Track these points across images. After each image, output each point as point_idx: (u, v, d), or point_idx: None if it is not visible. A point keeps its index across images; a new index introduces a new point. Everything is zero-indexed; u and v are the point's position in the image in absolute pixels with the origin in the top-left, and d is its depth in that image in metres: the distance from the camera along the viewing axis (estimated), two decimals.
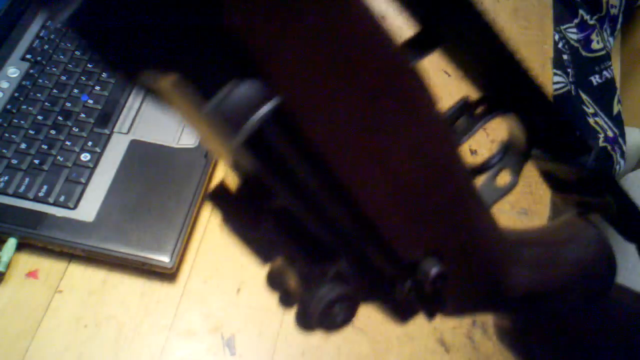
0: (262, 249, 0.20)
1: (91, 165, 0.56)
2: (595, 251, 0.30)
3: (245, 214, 0.19)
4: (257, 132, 0.15)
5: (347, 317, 0.22)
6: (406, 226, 0.22)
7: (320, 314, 0.21)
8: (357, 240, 0.22)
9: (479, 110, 0.24)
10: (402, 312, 0.26)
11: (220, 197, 0.19)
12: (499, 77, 0.23)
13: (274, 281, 0.23)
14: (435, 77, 0.70)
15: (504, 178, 0.26)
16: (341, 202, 0.20)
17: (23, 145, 0.57)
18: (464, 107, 0.23)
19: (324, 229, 0.20)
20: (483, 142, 0.63)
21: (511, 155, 0.26)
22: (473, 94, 0.23)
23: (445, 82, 0.65)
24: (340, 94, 0.17)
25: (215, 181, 0.59)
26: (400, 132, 0.19)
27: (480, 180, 0.26)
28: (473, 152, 0.62)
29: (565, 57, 1.03)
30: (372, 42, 0.17)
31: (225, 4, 0.13)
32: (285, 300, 0.23)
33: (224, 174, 0.18)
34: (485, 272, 0.27)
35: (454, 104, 0.23)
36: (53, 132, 0.58)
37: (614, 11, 1.05)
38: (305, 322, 0.22)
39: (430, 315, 0.27)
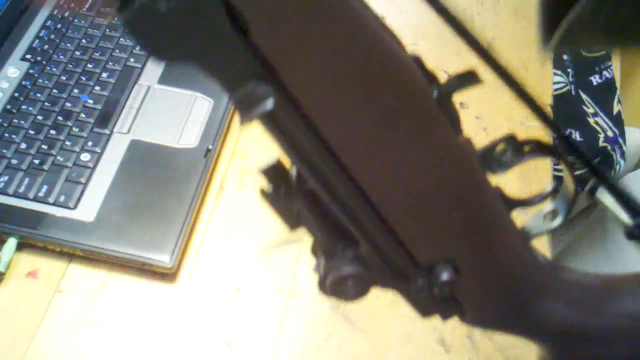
0: (289, 218, 0.23)
1: (91, 165, 0.56)
2: None
3: (284, 187, 0.23)
4: (264, 117, 0.19)
5: (358, 294, 0.25)
6: (422, 232, 0.24)
7: (332, 284, 0.24)
8: (376, 234, 0.23)
9: (527, 148, 0.25)
10: (419, 306, 0.27)
11: (269, 171, 0.22)
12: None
13: (315, 251, 0.26)
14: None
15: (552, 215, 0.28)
16: (356, 196, 0.22)
17: (23, 145, 0.57)
18: (510, 142, 0.24)
19: (344, 216, 0.23)
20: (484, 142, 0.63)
21: (560, 196, 0.28)
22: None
23: None
24: (351, 105, 0.20)
25: (215, 181, 0.59)
26: (414, 152, 0.21)
27: (531, 213, 0.28)
28: None
29: (565, 57, 1.03)
30: (388, 68, 0.19)
31: (252, 28, 0.17)
32: (314, 249, 0.26)
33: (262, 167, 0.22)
34: (507, 293, 0.27)
35: (499, 137, 0.25)
36: (53, 132, 0.58)
37: None
38: (322, 287, 0.25)
39: (444, 316, 0.28)
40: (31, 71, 0.63)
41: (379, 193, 0.22)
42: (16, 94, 0.61)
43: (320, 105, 0.19)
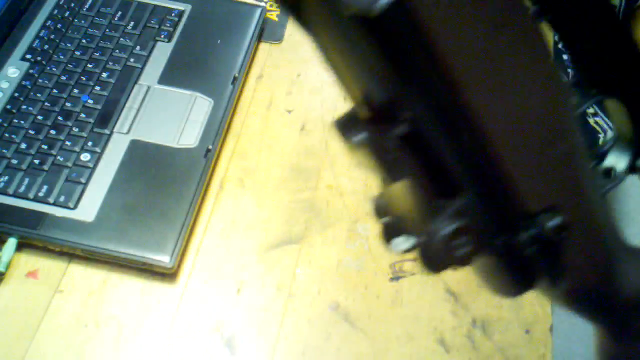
0: (387, 166, 0.21)
1: (91, 165, 0.57)
2: None
3: (373, 132, 0.20)
4: (385, 12, 0.17)
5: (468, 254, 0.22)
6: (526, 168, 0.22)
7: (442, 245, 0.22)
8: (481, 175, 0.22)
9: (595, 91, 0.24)
10: (517, 274, 0.25)
11: (344, 122, 0.21)
12: (614, 63, 0.23)
13: (381, 209, 0.24)
14: None
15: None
16: (463, 124, 0.20)
17: (23, 145, 0.57)
18: (578, 86, 0.24)
19: (450, 155, 0.21)
20: None
21: (619, 150, 0.27)
22: None
23: None
24: (467, 11, 0.19)
25: (215, 181, 0.59)
26: (519, 72, 0.20)
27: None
28: None
29: (565, 57, 1.03)
30: None
31: None
32: (390, 229, 0.24)
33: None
34: (602, 253, 0.26)
35: (570, 78, 0.24)
36: (53, 132, 0.58)
37: None
38: (428, 253, 0.22)
39: (551, 278, 0.26)
40: (31, 71, 0.63)
41: (487, 111, 0.21)
42: (16, 94, 0.61)
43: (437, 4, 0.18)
